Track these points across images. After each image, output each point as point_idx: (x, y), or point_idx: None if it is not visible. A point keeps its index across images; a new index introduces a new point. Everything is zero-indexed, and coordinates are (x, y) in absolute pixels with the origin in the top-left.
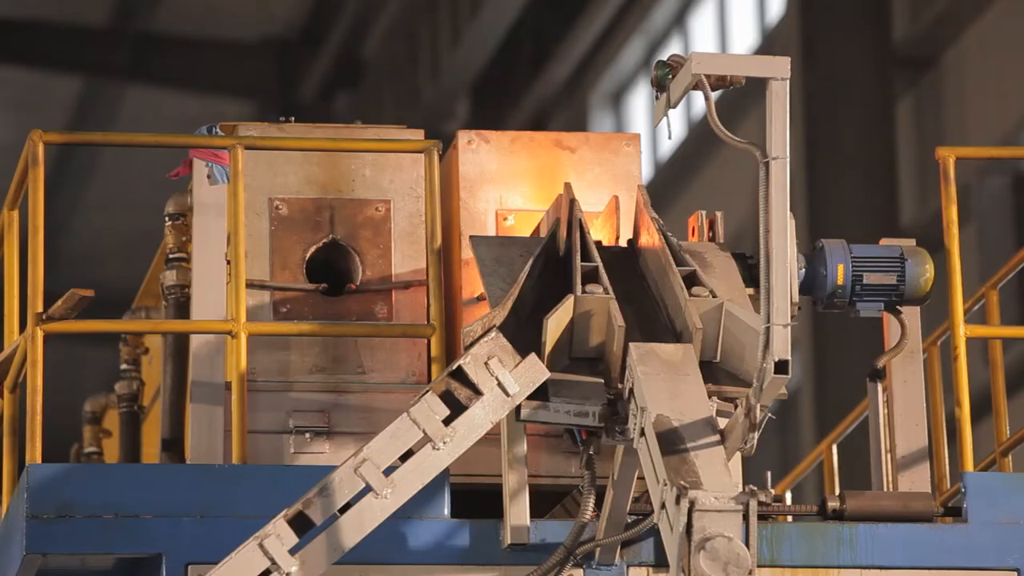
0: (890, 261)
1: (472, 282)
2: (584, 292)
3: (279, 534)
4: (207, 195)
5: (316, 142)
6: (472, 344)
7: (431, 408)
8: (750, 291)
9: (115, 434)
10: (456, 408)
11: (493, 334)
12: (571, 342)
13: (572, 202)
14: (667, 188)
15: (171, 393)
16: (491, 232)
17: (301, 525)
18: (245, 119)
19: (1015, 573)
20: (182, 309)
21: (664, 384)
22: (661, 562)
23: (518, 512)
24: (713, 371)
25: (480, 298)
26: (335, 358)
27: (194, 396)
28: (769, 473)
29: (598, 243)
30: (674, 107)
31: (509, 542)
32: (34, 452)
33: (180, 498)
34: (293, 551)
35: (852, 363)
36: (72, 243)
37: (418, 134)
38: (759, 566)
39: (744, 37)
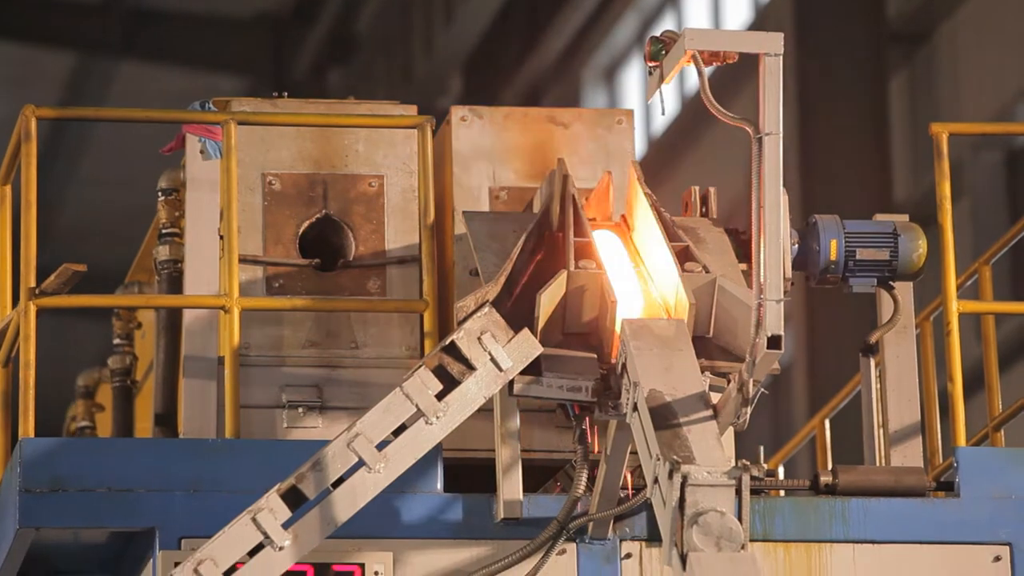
0: (883, 236)
1: (465, 257)
2: (577, 267)
3: (272, 508)
4: (200, 170)
5: (309, 117)
6: (465, 319)
7: (424, 383)
8: (743, 266)
9: (108, 408)
10: (449, 383)
11: (486, 309)
12: (564, 317)
13: (565, 178)
14: (660, 164)
15: (164, 368)
16: (484, 208)
17: (294, 499)
18: (238, 94)
19: (1007, 547)
20: (175, 284)
21: (657, 359)
22: (654, 536)
23: (511, 486)
24: (706, 346)
25: (473, 273)
26: (328, 333)
27: (187, 371)
28: (762, 448)
29: (591, 219)
30: (667, 83)
31: (502, 516)
32: (27, 426)
33: (173, 472)
34: (286, 525)
35: (845, 338)
36: (65, 218)
37: (411, 110)
38: (751, 540)
39: (737, 13)
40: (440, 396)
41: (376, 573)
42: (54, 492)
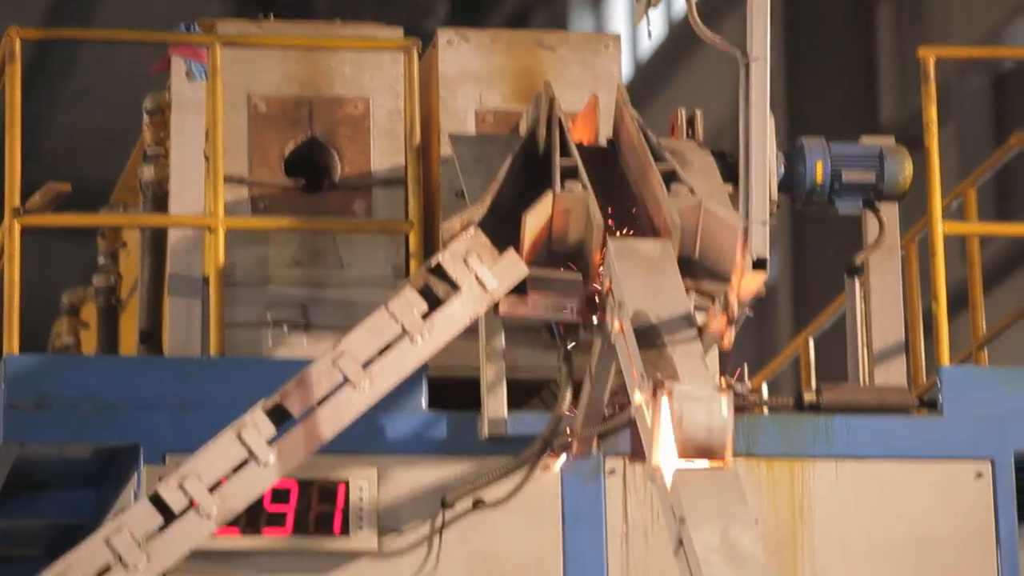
0: (869, 159)
1: (451, 179)
2: (563, 189)
3: (257, 424)
4: (186, 92)
5: (295, 39)
6: (451, 240)
7: (409, 302)
8: (729, 188)
9: (93, 326)
10: (435, 303)
11: (472, 230)
12: (550, 239)
13: (552, 100)
14: (647, 88)
15: (149, 286)
16: (470, 130)
17: (279, 416)
18: (224, 16)
19: (989, 463)
20: (160, 204)
21: (643, 279)
22: (637, 453)
23: (496, 404)
24: (692, 267)
25: (459, 195)
26: (314, 253)
27: (172, 289)
28: (746, 366)
29: (578, 142)
30: (654, 7)
31: (487, 434)
32: (12, 343)
33: (157, 389)
34: (271, 442)
35: (830, 259)
36: (50, 138)
37: (398, 32)
38: (735, 456)
39: None
40: (425, 316)
41: (360, 489)
42: (39, 408)
